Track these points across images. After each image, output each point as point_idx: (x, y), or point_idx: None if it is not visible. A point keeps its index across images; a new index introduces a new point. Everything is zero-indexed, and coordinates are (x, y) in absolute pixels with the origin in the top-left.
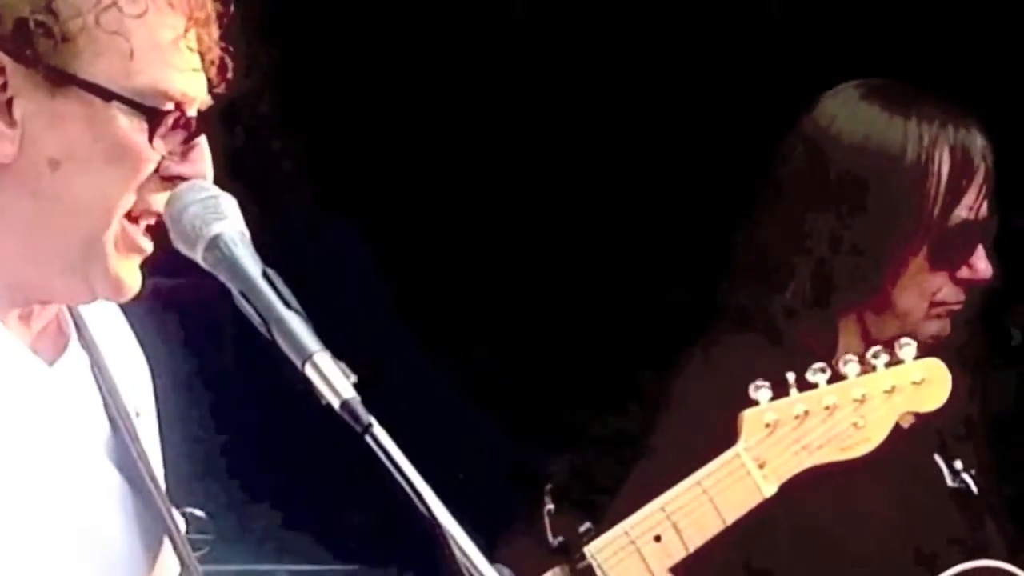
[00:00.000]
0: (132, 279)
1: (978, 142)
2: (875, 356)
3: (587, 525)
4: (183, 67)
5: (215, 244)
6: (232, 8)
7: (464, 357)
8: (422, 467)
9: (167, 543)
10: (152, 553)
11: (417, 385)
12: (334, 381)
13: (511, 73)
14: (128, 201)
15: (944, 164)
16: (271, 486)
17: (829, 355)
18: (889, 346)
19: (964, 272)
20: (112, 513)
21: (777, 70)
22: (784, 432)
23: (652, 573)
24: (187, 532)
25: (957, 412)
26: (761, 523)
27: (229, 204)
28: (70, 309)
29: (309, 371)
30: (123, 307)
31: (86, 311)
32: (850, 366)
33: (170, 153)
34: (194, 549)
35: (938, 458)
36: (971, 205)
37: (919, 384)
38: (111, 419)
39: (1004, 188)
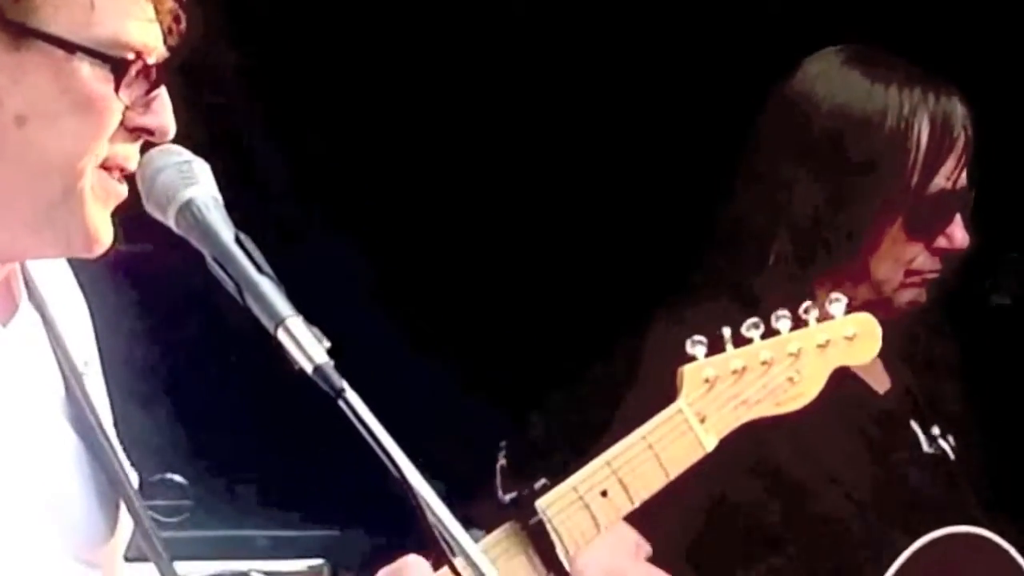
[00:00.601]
0: (106, 230)
1: (959, 111)
2: (806, 311)
3: (543, 481)
4: (141, 17)
5: (187, 208)
6: None
7: (439, 325)
8: (395, 432)
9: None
10: (110, 512)
11: (389, 351)
12: (307, 346)
13: (481, 46)
14: (99, 151)
15: (924, 132)
16: (249, 453)
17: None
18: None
19: (941, 241)
20: (71, 473)
21: (758, 37)
22: (723, 387)
23: (599, 527)
24: (167, 499)
25: (926, 376)
26: (731, 470)
27: (202, 169)
28: (21, 266)
29: (282, 336)
30: (94, 278)
31: (33, 267)
32: (782, 322)
33: (133, 104)
34: (174, 515)
35: (914, 424)
36: (950, 174)
37: (851, 339)
38: (64, 378)
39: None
